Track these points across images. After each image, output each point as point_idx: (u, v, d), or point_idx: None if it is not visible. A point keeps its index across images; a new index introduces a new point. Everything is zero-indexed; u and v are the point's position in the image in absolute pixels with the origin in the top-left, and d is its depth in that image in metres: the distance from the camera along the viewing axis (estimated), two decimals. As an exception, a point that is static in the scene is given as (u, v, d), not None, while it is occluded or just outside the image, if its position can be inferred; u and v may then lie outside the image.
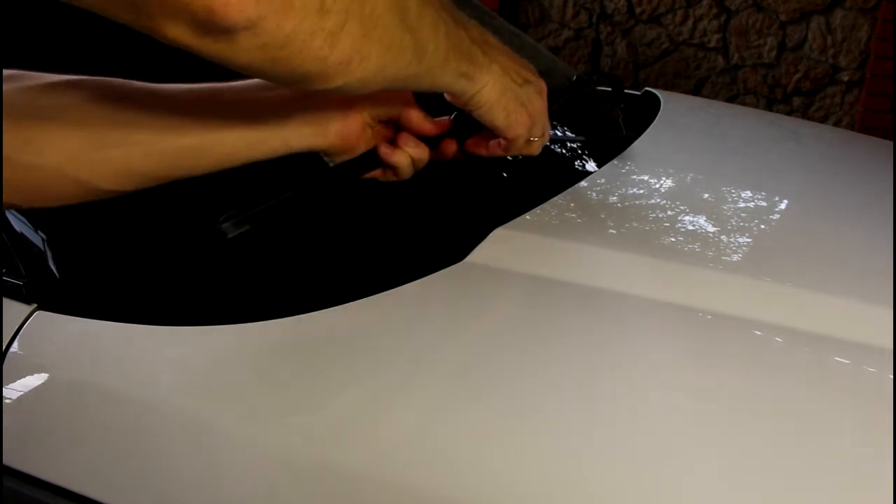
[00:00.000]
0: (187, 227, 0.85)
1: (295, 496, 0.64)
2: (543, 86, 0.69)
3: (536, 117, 0.68)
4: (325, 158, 0.68)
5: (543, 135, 0.70)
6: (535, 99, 0.67)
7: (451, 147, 0.70)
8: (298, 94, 0.63)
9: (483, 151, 0.72)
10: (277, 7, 0.43)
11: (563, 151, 1.14)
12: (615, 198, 0.97)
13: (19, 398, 0.75)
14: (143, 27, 0.43)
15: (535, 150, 0.71)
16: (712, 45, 3.46)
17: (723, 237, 0.89)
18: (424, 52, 0.55)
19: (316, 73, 0.49)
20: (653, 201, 0.96)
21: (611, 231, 0.88)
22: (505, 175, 1.06)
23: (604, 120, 1.28)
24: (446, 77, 0.59)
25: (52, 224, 0.82)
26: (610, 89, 1.28)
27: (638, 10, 3.54)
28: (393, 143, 0.68)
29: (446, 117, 0.70)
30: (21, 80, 0.58)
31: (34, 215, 0.83)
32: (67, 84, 0.59)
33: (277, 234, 0.87)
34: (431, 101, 0.67)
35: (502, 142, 0.69)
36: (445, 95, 0.64)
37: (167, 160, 0.61)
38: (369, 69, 0.50)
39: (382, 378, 0.68)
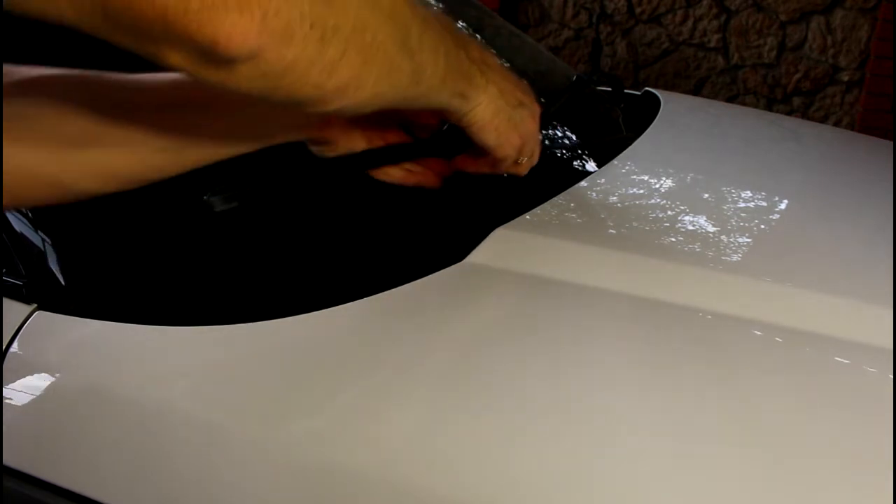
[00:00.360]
0: (188, 222, 0.85)
1: (295, 496, 0.64)
2: (537, 109, 0.70)
3: (527, 139, 0.68)
4: (312, 148, 0.69)
5: (532, 157, 0.71)
6: (528, 121, 0.68)
7: (442, 171, 0.74)
8: None
9: (471, 168, 0.73)
10: (279, 38, 0.43)
11: (564, 151, 1.14)
12: (615, 198, 0.97)
13: (19, 398, 0.75)
14: (144, 53, 0.43)
15: (523, 171, 0.72)
16: (712, 45, 3.46)
17: (723, 237, 0.89)
18: (423, 73, 0.55)
19: (314, 99, 0.49)
20: (653, 201, 0.96)
21: (611, 231, 0.88)
22: (505, 175, 1.06)
23: (604, 120, 1.28)
24: (442, 97, 0.59)
25: (52, 224, 0.82)
26: (610, 89, 1.28)
27: (638, 10, 3.54)
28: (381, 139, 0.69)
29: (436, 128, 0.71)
30: None
31: (35, 215, 0.83)
32: (40, 80, 0.57)
33: (278, 234, 0.87)
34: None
35: (490, 160, 0.70)
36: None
37: (147, 161, 0.61)
38: (366, 94, 0.51)
39: (382, 378, 0.68)
